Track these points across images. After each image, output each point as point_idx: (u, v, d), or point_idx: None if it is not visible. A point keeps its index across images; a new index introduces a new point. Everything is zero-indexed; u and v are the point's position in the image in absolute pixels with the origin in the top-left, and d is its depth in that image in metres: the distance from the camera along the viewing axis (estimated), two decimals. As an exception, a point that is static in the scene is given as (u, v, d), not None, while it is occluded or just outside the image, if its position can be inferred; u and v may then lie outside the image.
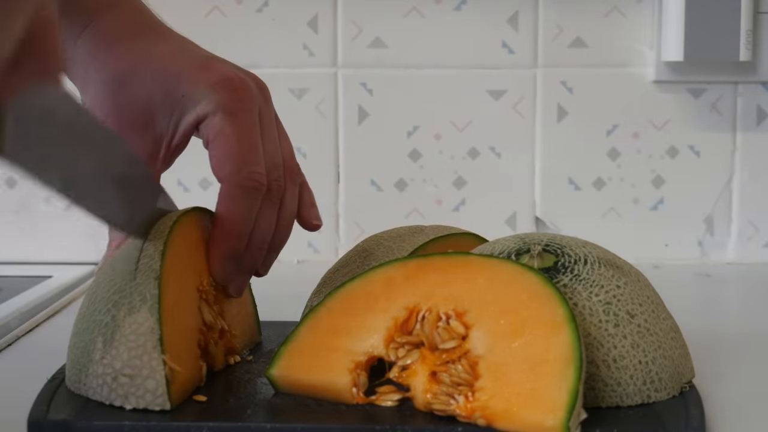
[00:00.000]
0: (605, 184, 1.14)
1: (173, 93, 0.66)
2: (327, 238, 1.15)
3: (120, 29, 0.69)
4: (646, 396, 0.62)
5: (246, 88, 0.67)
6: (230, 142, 0.65)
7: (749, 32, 1.08)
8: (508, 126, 1.14)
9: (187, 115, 0.66)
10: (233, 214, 0.66)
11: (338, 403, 0.62)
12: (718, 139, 1.13)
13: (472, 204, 1.15)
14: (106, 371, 0.61)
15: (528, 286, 0.61)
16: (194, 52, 0.69)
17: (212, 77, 0.66)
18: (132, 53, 0.68)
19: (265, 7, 1.13)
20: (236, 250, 0.67)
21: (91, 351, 0.62)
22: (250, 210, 0.66)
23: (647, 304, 0.64)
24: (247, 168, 0.65)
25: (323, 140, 1.15)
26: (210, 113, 0.66)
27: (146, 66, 0.67)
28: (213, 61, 0.68)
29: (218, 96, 0.66)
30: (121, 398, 0.60)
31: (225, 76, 0.66)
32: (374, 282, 0.64)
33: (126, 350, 0.60)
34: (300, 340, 0.64)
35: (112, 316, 0.61)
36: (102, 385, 0.61)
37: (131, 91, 0.67)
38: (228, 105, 0.66)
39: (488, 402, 0.57)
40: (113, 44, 0.68)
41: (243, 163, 0.65)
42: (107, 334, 0.61)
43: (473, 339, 0.60)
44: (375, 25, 1.13)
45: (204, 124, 0.66)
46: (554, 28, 1.13)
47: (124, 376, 0.60)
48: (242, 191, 0.65)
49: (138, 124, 0.67)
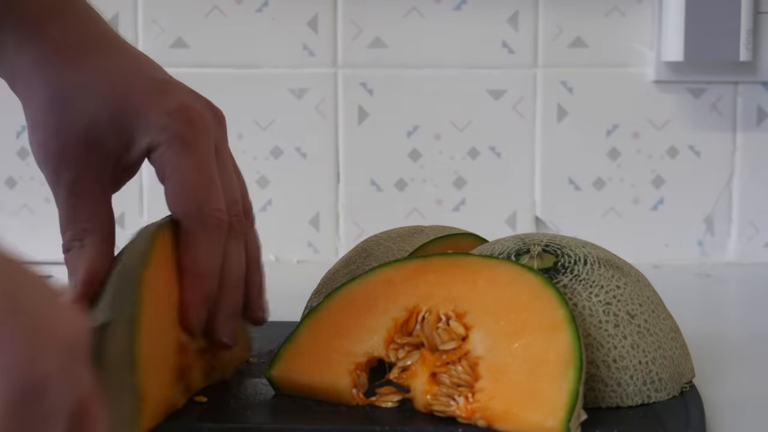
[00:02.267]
0: (605, 184, 1.14)
1: (124, 115, 0.62)
2: (327, 238, 1.15)
3: (69, 39, 0.63)
4: (646, 396, 0.62)
5: (201, 117, 0.62)
6: (186, 176, 0.61)
7: (749, 32, 1.08)
8: (508, 126, 1.14)
9: (139, 141, 0.62)
10: (198, 255, 0.61)
11: (338, 404, 0.62)
12: (718, 139, 1.13)
13: (472, 204, 1.15)
14: None
15: (528, 286, 0.61)
16: (150, 72, 0.64)
17: (168, 104, 0.62)
18: (81, 67, 0.63)
19: (265, 7, 1.13)
20: (209, 292, 0.62)
21: None
22: (215, 248, 0.62)
23: (647, 304, 0.64)
24: (206, 205, 0.61)
25: (323, 140, 1.15)
26: (163, 143, 0.61)
27: (97, 82, 0.62)
28: (169, 86, 0.64)
29: (174, 125, 0.61)
30: None
31: (182, 104, 0.62)
32: (374, 283, 0.64)
33: None
34: (300, 341, 0.64)
35: None
36: None
37: (78, 107, 0.62)
38: (184, 136, 0.61)
39: (488, 403, 0.57)
40: (61, 55, 0.63)
41: (202, 200, 0.61)
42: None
43: (473, 340, 0.60)
44: (375, 25, 1.13)
45: (158, 154, 0.62)
46: (554, 28, 1.13)
47: None
48: (203, 230, 0.61)
49: (83, 143, 0.62)
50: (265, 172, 1.14)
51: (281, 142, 1.14)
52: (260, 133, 1.14)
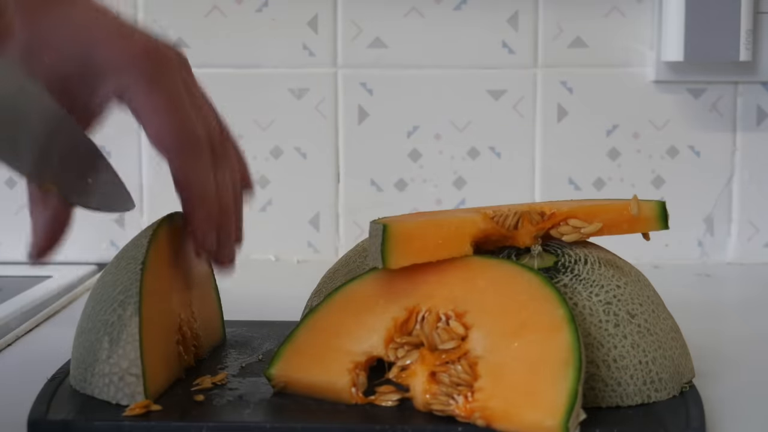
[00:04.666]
0: (605, 184, 1.14)
1: (91, 61, 0.64)
2: (327, 238, 1.15)
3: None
4: (646, 396, 0.62)
5: (166, 56, 0.65)
6: (161, 110, 0.64)
7: (749, 32, 1.08)
8: (508, 126, 1.14)
9: (107, 84, 0.64)
10: (192, 180, 0.65)
11: (338, 402, 0.62)
12: (718, 139, 1.13)
13: (472, 204, 1.14)
14: (113, 370, 0.61)
15: (528, 286, 0.61)
16: (113, 20, 0.67)
17: (133, 48, 0.64)
18: (45, 20, 0.65)
19: (265, 7, 1.13)
20: (211, 214, 0.66)
21: (97, 350, 0.62)
22: (204, 170, 0.65)
23: (647, 304, 0.64)
24: (184, 133, 0.64)
25: (323, 140, 1.15)
26: (132, 84, 0.64)
27: (61, 32, 0.65)
28: (132, 31, 0.66)
29: (140, 66, 0.64)
30: (128, 397, 0.60)
31: (145, 47, 0.65)
32: (374, 282, 0.64)
33: (133, 349, 0.61)
34: (300, 340, 0.64)
35: (118, 315, 0.62)
36: (108, 384, 0.61)
37: (47, 59, 0.64)
38: (152, 75, 0.64)
39: (487, 402, 0.57)
40: (25, 11, 0.65)
41: (180, 128, 0.64)
42: (113, 334, 0.61)
43: (473, 339, 0.60)
44: (375, 25, 1.13)
45: (128, 96, 0.64)
46: (554, 28, 1.13)
47: (131, 375, 0.60)
48: (188, 154, 0.64)
49: (53, 93, 0.64)
50: (265, 172, 1.14)
51: (281, 142, 1.14)
52: (260, 133, 1.14)
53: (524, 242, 0.66)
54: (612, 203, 0.68)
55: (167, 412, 0.60)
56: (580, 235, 0.66)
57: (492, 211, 0.66)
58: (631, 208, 0.66)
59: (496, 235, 0.66)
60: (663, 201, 0.68)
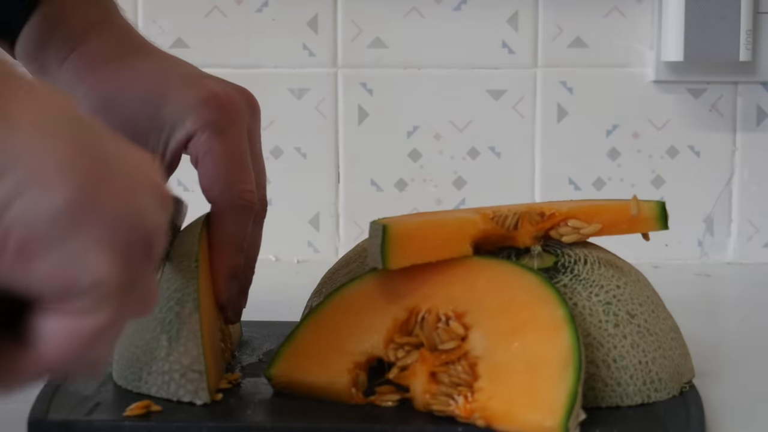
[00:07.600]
0: (605, 184, 1.14)
1: (161, 111, 0.65)
2: (327, 238, 1.15)
3: (106, 51, 0.68)
4: (646, 396, 0.62)
5: (234, 103, 0.66)
6: (219, 160, 0.65)
7: (749, 32, 1.08)
8: (508, 126, 1.14)
9: (177, 133, 0.65)
10: (230, 233, 0.65)
11: (338, 403, 0.62)
12: (718, 139, 1.13)
13: (472, 204, 1.14)
14: (174, 368, 0.61)
15: (527, 287, 0.61)
16: (182, 69, 0.68)
17: (200, 93, 0.65)
18: (118, 75, 0.67)
19: (265, 7, 1.13)
20: (238, 267, 0.66)
21: (155, 348, 0.62)
22: (243, 228, 0.66)
23: (647, 304, 0.64)
24: (237, 187, 0.65)
25: (323, 140, 1.15)
26: (198, 130, 0.65)
27: (133, 86, 0.66)
28: (201, 78, 0.67)
29: (206, 112, 0.65)
30: (191, 394, 0.60)
31: (212, 92, 0.65)
32: (374, 283, 0.64)
33: (195, 346, 0.61)
34: (300, 341, 0.64)
35: (176, 312, 0.62)
36: (168, 382, 0.61)
37: (119, 113, 0.66)
38: (216, 122, 0.65)
39: (487, 403, 0.57)
40: (99, 67, 0.67)
41: (233, 182, 0.65)
42: (172, 331, 0.61)
43: (473, 340, 0.60)
44: (375, 25, 1.13)
45: (192, 142, 0.65)
46: (554, 28, 1.13)
47: (194, 371, 0.60)
48: (234, 211, 0.65)
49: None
50: (265, 172, 1.14)
51: (281, 142, 1.14)
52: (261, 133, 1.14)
53: (524, 243, 0.66)
54: (612, 203, 0.68)
55: (167, 412, 0.60)
56: (579, 235, 0.66)
57: (492, 212, 0.66)
58: (631, 208, 0.66)
59: (496, 236, 0.66)
60: (663, 201, 0.68)
